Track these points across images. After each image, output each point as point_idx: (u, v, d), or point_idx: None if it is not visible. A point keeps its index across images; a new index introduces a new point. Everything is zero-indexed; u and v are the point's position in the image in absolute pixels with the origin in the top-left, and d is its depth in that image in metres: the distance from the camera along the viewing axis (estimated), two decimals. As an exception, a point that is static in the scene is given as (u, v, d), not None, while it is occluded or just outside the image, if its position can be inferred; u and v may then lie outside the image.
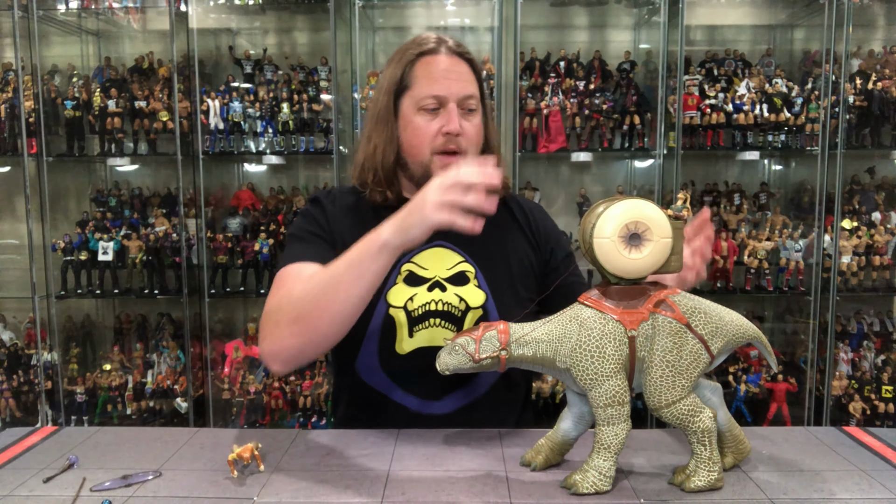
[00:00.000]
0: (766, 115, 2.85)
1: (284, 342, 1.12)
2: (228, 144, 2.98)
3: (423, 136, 1.25)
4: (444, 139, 1.25)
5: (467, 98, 1.26)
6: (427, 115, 1.25)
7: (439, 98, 1.24)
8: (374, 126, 1.31)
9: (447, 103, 1.24)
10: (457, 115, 1.24)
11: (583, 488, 0.92)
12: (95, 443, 1.14)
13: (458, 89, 1.25)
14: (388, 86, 1.29)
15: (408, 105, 1.27)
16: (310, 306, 1.09)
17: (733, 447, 1.01)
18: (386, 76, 1.30)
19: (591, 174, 3.23)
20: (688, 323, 0.93)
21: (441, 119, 1.25)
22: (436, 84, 1.24)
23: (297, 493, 0.94)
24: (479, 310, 1.27)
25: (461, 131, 1.25)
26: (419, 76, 1.26)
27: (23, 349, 3.07)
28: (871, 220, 2.93)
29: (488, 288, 1.29)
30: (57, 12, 3.02)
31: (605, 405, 0.91)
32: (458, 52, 1.28)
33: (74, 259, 2.98)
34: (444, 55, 1.26)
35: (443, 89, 1.24)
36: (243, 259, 2.98)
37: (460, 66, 1.27)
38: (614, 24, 3.19)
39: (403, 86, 1.27)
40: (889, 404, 2.81)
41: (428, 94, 1.24)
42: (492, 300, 1.28)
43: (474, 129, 1.28)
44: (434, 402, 1.26)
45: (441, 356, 0.94)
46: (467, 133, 1.26)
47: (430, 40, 1.28)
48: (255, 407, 3.01)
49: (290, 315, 1.10)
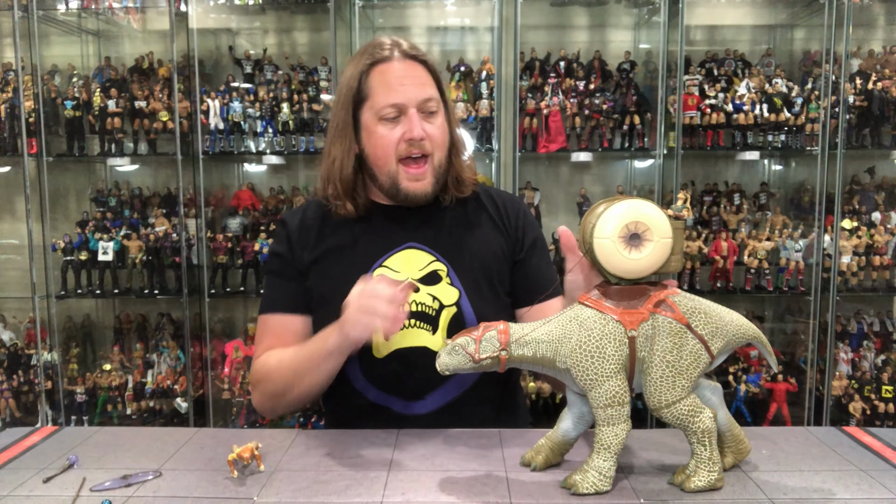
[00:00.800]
0: (766, 115, 2.85)
1: (265, 406, 1.32)
2: (228, 144, 2.97)
3: (386, 145, 1.25)
4: (408, 145, 1.25)
5: (426, 101, 1.25)
6: (388, 123, 1.25)
7: (398, 106, 1.24)
8: (333, 139, 1.31)
9: (407, 110, 1.24)
10: (417, 120, 1.24)
11: (583, 488, 0.92)
12: (95, 443, 1.14)
13: (416, 94, 1.24)
14: (344, 98, 1.28)
15: (368, 116, 1.26)
16: (281, 388, 1.25)
17: (733, 447, 1.01)
18: (342, 88, 1.29)
19: (591, 174, 3.23)
20: (688, 323, 0.93)
21: (402, 126, 1.24)
22: (392, 92, 1.23)
23: (297, 493, 0.94)
24: (453, 307, 1.27)
25: (424, 135, 1.24)
26: (375, 85, 1.25)
27: (23, 349, 3.07)
28: (871, 220, 2.92)
29: (461, 284, 1.29)
30: (57, 12, 3.02)
31: (605, 405, 0.91)
32: (411, 55, 1.26)
33: (74, 259, 2.98)
34: (398, 61, 1.25)
35: (400, 97, 1.23)
36: (243, 259, 2.98)
37: (415, 70, 1.26)
38: (614, 24, 3.19)
39: (361, 98, 1.27)
40: (889, 404, 2.81)
41: (386, 103, 1.23)
42: (465, 296, 1.28)
43: (438, 130, 1.28)
44: (416, 402, 1.26)
45: (441, 357, 0.94)
46: (431, 136, 1.26)
47: (383, 46, 1.27)
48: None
49: (267, 391, 1.28)
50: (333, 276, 1.29)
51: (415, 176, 1.27)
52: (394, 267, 1.28)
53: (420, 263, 1.29)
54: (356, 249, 1.31)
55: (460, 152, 1.35)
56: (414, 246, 1.30)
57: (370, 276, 1.14)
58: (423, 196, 1.29)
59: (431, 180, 1.29)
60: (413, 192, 1.28)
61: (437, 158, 1.28)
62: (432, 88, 1.27)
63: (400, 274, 1.28)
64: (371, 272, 1.27)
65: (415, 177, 1.27)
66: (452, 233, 1.33)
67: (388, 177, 1.28)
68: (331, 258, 1.31)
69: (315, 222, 1.34)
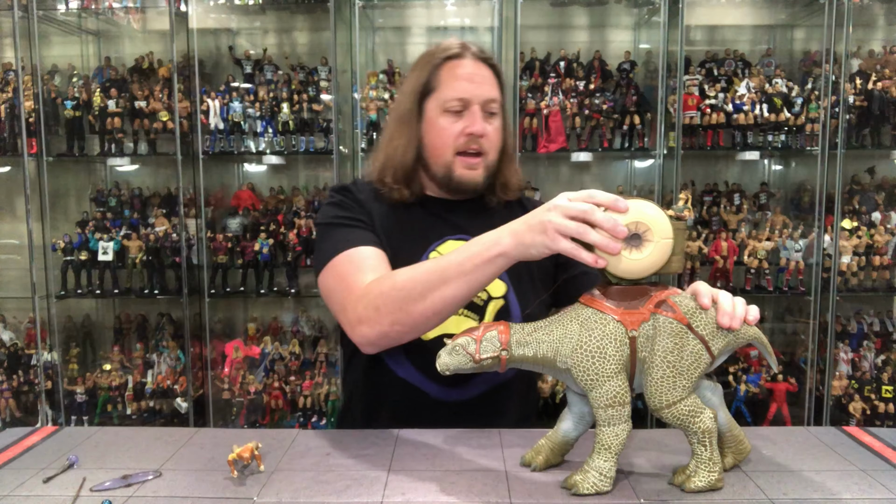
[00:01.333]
0: (766, 115, 2.85)
1: (384, 329, 1.12)
2: (228, 144, 2.97)
3: (446, 136, 1.30)
4: (467, 140, 1.29)
5: (490, 101, 1.30)
6: (451, 116, 1.29)
7: (464, 100, 1.28)
8: (397, 127, 1.36)
9: (471, 105, 1.29)
10: (480, 117, 1.29)
11: (583, 489, 0.92)
12: (95, 443, 1.14)
13: (482, 92, 1.29)
14: (412, 88, 1.33)
15: (433, 107, 1.31)
16: (414, 297, 1.08)
17: (733, 447, 1.01)
18: (410, 80, 1.35)
19: (591, 174, 3.24)
20: (689, 323, 0.93)
21: (465, 120, 1.29)
22: (460, 86, 1.29)
23: (297, 493, 0.94)
24: (501, 300, 1.30)
25: (484, 132, 1.29)
26: (445, 79, 1.30)
27: (23, 349, 3.07)
28: (871, 220, 2.92)
29: (509, 280, 1.32)
30: (57, 12, 3.02)
31: (605, 406, 0.91)
32: (482, 57, 1.33)
33: (74, 259, 2.98)
34: (469, 59, 1.31)
35: (467, 92, 1.28)
36: (243, 259, 2.98)
37: (484, 71, 1.32)
38: (614, 24, 3.19)
39: (429, 88, 1.31)
40: (889, 404, 2.81)
41: (453, 96, 1.28)
42: (513, 292, 1.31)
43: (496, 132, 1.33)
44: (454, 389, 1.28)
45: (441, 356, 0.94)
46: (489, 135, 1.31)
47: (454, 45, 1.33)
48: (255, 407, 3.01)
49: (393, 304, 1.10)
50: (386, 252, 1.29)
51: (470, 164, 1.31)
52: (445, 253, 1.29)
53: None
54: (409, 232, 1.33)
55: (511, 159, 1.41)
56: (464, 238, 1.31)
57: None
58: (474, 185, 1.33)
59: (483, 173, 1.33)
60: (466, 179, 1.32)
61: (489, 158, 1.33)
62: (497, 92, 1.33)
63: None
64: (427, 255, 1.30)
65: (470, 165, 1.31)
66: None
67: (442, 167, 1.32)
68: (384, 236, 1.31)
69: (370, 199, 1.36)
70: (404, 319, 1.10)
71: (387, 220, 1.34)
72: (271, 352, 3.01)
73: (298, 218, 3.00)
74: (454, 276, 1.05)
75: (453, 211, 1.37)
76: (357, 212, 1.32)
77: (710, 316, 0.94)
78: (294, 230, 2.98)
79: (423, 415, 1.25)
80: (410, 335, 1.15)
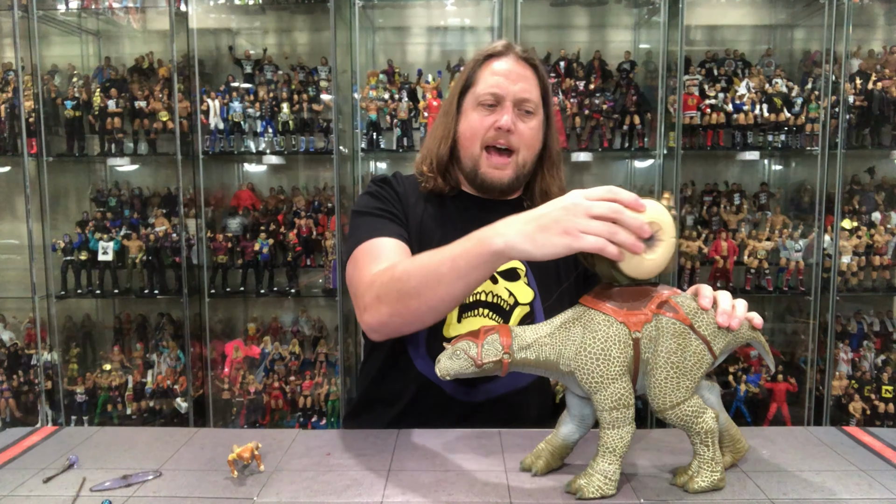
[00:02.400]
0: (766, 115, 2.85)
1: (383, 318, 1.13)
2: (228, 144, 2.97)
3: (476, 128, 1.32)
4: (495, 134, 1.31)
5: (524, 100, 1.31)
6: (484, 110, 1.32)
7: (496, 95, 1.30)
8: (440, 121, 1.40)
9: (504, 101, 1.30)
10: (511, 112, 1.30)
11: (588, 493, 0.91)
12: (95, 443, 1.14)
13: (517, 90, 1.30)
14: (456, 85, 1.38)
15: (469, 101, 1.34)
16: (410, 293, 1.08)
17: (731, 446, 1.01)
18: (458, 78, 1.39)
19: (592, 174, 3.23)
20: (691, 324, 0.92)
21: (496, 115, 1.31)
22: (495, 81, 1.31)
23: (297, 493, 0.94)
24: (527, 307, 1.31)
25: (513, 129, 1.30)
26: (483, 75, 1.33)
27: (23, 349, 3.07)
28: (871, 220, 2.92)
29: (537, 288, 1.32)
30: (57, 12, 3.02)
31: (610, 408, 0.91)
32: (524, 57, 1.34)
33: (74, 259, 2.98)
34: (510, 57, 1.33)
35: (501, 87, 1.30)
36: (243, 259, 2.98)
37: (524, 70, 1.33)
38: (614, 24, 3.19)
39: (468, 84, 1.35)
40: (889, 404, 2.81)
41: (487, 90, 1.31)
42: (539, 300, 1.32)
43: (529, 130, 1.33)
44: (470, 389, 1.29)
45: (441, 360, 0.92)
46: (521, 132, 1.32)
47: (499, 44, 1.36)
48: (255, 407, 3.01)
49: (391, 295, 1.11)
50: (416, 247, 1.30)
51: (495, 164, 1.32)
52: None
53: None
54: (442, 228, 1.34)
55: (554, 166, 1.41)
56: None
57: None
58: (499, 185, 1.34)
59: (511, 174, 1.33)
60: (490, 178, 1.33)
61: (521, 156, 1.33)
62: (534, 91, 1.33)
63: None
64: None
65: (495, 165, 1.32)
66: None
67: (470, 159, 1.34)
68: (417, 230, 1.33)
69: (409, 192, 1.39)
70: (402, 312, 1.10)
71: (423, 213, 1.36)
72: (271, 352, 3.01)
73: (298, 218, 3.00)
74: (448, 274, 1.03)
75: (489, 211, 1.33)
76: (391, 204, 1.34)
77: (712, 316, 0.94)
78: (294, 230, 2.98)
79: (438, 413, 1.25)
80: (413, 326, 1.16)
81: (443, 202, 1.38)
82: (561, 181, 1.41)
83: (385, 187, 1.38)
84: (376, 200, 1.34)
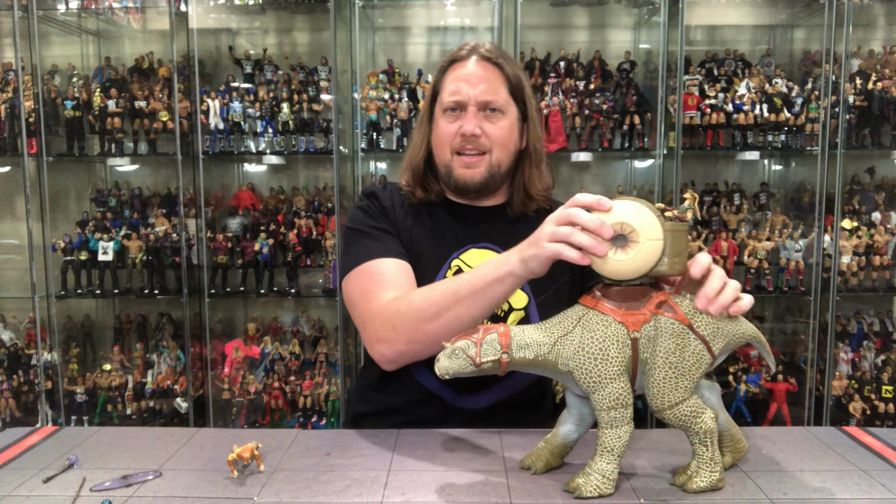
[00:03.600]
0: (766, 115, 2.85)
1: (401, 348, 1.17)
2: (228, 144, 2.97)
3: (443, 136, 1.33)
4: (462, 140, 1.31)
5: (487, 102, 1.30)
6: (450, 116, 1.32)
7: (458, 102, 1.31)
8: (416, 130, 1.42)
9: (466, 106, 1.30)
10: (474, 116, 1.29)
11: (586, 492, 0.91)
12: (95, 443, 1.14)
13: (477, 93, 1.30)
14: (428, 92, 1.39)
15: (437, 109, 1.35)
16: (429, 317, 1.12)
17: (731, 446, 1.01)
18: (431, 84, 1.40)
19: (591, 174, 3.23)
20: (690, 324, 0.92)
21: (460, 121, 1.31)
22: (456, 87, 1.31)
23: (297, 493, 0.94)
24: (522, 311, 1.30)
25: (479, 133, 1.30)
26: (447, 82, 1.33)
27: (23, 349, 3.07)
28: (871, 220, 2.92)
29: (531, 292, 1.32)
30: (57, 12, 3.02)
31: (608, 408, 0.91)
32: (487, 57, 1.33)
33: (74, 259, 2.98)
34: (473, 61, 1.32)
35: (461, 93, 1.30)
36: (243, 259, 2.98)
37: (486, 72, 1.32)
38: (614, 24, 3.19)
39: (436, 91, 1.36)
40: (889, 404, 2.81)
41: (449, 97, 1.31)
42: (534, 304, 1.31)
43: (499, 130, 1.32)
44: (468, 396, 1.29)
45: (441, 360, 0.92)
46: (489, 133, 1.31)
47: (464, 48, 1.35)
48: (255, 407, 3.01)
49: (409, 323, 1.14)
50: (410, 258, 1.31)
51: (466, 164, 1.32)
52: (468, 262, 1.31)
53: None
54: (434, 238, 1.34)
55: (534, 163, 1.38)
56: (488, 246, 1.34)
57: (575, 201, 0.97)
58: (471, 184, 1.33)
59: (484, 172, 1.33)
60: (463, 178, 1.33)
61: (495, 157, 1.33)
62: (501, 91, 1.32)
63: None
64: (449, 262, 1.31)
65: (466, 164, 1.32)
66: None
67: (444, 166, 1.35)
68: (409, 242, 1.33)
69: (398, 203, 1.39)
70: (420, 338, 1.13)
71: (412, 225, 1.35)
72: (271, 352, 3.01)
73: (298, 218, 3.00)
74: (467, 296, 1.08)
75: (476, 217, 1.37)
76: (382, 220, 1.34)
77: (711, 316, 0.94)
78: (294, 230, 2.98)
79: (439, 422, 1.24)
80: (426, 353, 1.17)
81: (430, 211, 1.38)
82: (544, 177, 1.40)
83: (373, 202, 1.37)
84: (369, 217, 1.34)
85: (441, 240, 1.34)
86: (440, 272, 1.31)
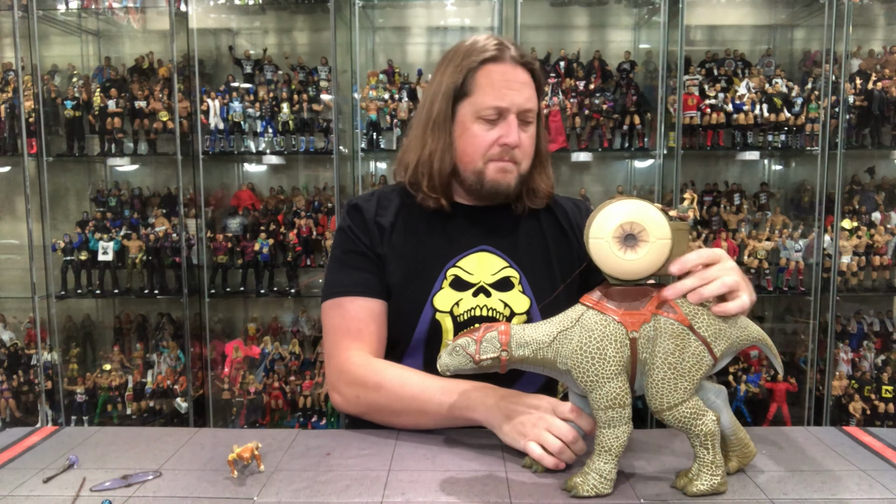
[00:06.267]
0: (766, 115, 2.85)
1: (360, 411, 1.23)
2: (228, 144, 2.98)
3: (479, 145, 1.25)
4: (500, 150, 1.24)
5: (528, 111, 1.25)
6: (486, 124, 1.24)
7: (500, 109, 1.23)
8: (431, 131, 1.29)
9: (508, 115, 1.23)
10: (516, 127, 1.23)
11: (584, 491, 0.91)
12: (95, 443, 1.14)
13: (521, 101, 1.23)
14: (445, 90, 1.26)
15: (466, 112, 1.25)
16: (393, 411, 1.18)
17: (738, 451, 1.00)
18: (443, 81, 1.27)
19: (591, 174, 3.23)
20: (690, 325, 0.92)
21: (500, 130, 1.24)
22: (498, 94, 1.22)
23: (297, 493, 0.94)
24: (524, 315, 1.27)
25: (519, 144, 1.24)
26: (481, 84, 1.23)
27: (23, 349, 3.07)
28: (871, 220, 2.92)
29: (533, 294, 1.29)
30: (57, 12, 3.02)
31: (605, 407, 0.91)
32: (521, 61, 1.25)
33: (74, 259, 2.98)
34: (509, 64, 1.24)
35: (505, 101, 1.22)
36: (243, 259, 2.98)
37: (522, 76, 1.25)
38: (614, 24, 3.19)
39: (463, 92, 1.25)
40: (889, 404, 2.81)
41: (489, 104, 1.22)
42: (535, 307, 1.28)
43: (530, 140, 1.28)
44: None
45: (442, 357, 0.94)
46: (523, 145, 1.26)
47: (491, 47, 1.24)
48: (255, 407, 3.01)
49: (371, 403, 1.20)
50: (404, 268, 1.28)
51: (503, 168, 1.26)
52: (467, 268, 1.28)
53: (493, 268, 1.29)
54: (430, 246, 1.30)
55: (542, 165, 1.35)
56: (488, 250, 1.30)
57: (566, 403, 1.03)
58: (506, 189, 1.28)
59: (516, 181, 1.28)
60: (497, 182, 1.27)
61: (523, 167, 1.28)
62: (535, 99, 1.27)
63: (472, 276, 1.28)
64: (445, 272, 1.27)
65: (503, 169, 1.26)
66: (528, 242, 1.33)
67: (473, 173, 1.27)
68: (404, 251, 1.29)
69: (391, 210, 1.32)
70: (376, 418, 1.21)
71: (413, 229, 1.30)
72: (271, 352, 3.02)
73: (298, 218, 3.00)
74: (433, 413, 1.14)
75: (478, 219, 1.33)
76: (361, 241, 1.28)
77: (713, 317, 0.94)
78: (294, 230, 2.98)
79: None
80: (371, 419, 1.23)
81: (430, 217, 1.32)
82: (549, 178, 1.38)
83: (356, 219, 1.31)
84: (347, 240, 1.30)
85: (439, 246, 1.30)
86: (436, 282, 1.26)
